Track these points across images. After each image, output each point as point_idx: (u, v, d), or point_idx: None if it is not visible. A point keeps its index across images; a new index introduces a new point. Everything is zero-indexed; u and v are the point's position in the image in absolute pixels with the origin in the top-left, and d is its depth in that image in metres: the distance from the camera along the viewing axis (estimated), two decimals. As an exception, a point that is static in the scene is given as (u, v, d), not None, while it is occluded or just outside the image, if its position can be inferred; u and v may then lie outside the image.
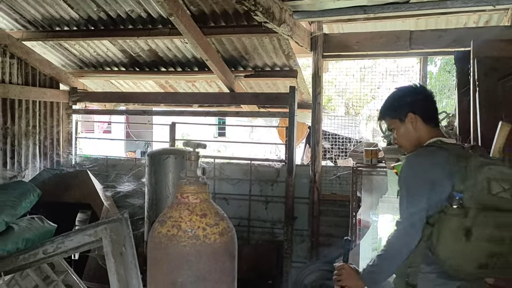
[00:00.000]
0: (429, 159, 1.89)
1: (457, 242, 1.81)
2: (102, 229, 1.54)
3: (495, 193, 1.83)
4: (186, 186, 1.60)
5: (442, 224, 1.83)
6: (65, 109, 5.16)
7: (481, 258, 1.81)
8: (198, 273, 1.48)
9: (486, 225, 1.80)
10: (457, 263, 1.81)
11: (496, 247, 1.82)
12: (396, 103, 2.08)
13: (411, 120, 2.02)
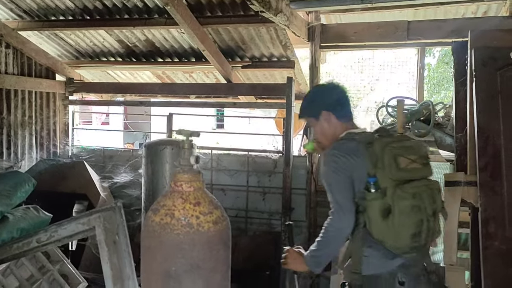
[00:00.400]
0: (341, 153, 2.04)
1: (385, 221, 1.95)
2: (95, 217, 1.53)
3: (403, 167, 1.97)
4: (179, 174, 1.59)
5: (369, 209, 1.99)
6: (61, 99, 5.14)
7: (411, 229, 1.96)
8: (192, 262, 1.48)
9: (404, 198, 1.94)
10: (393, 241, 1.96)
11: (419, 215, 1.98)
12: (311, 102, 2.25)
13: (325, 118, 2.16)
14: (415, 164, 2.03)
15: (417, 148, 2.12)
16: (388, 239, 1.99)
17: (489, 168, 2.91)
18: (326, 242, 2.06)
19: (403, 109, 2.58)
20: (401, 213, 1.94)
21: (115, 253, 1.51)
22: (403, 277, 2.09)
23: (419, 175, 2.04)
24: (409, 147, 2.08)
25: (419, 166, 2.04)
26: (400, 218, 1.94)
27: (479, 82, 2.98)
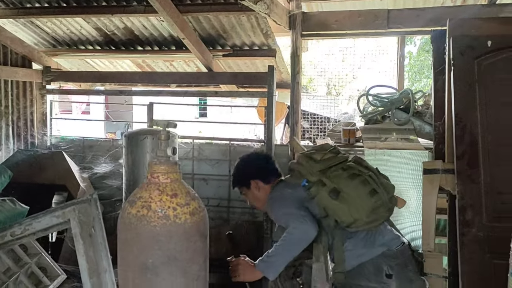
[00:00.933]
0: (277, 192, 2.43)
1: (340, 199, 2.22)
2: (70, 210, 1.50)
3: (320, 159, 2.37)
4: (156, 166, 1.57)
5: (322, 202, 2.25)
6: (38, 89, 5.02)
7: (365, 188, 2.24)
8: (169, 253, 1.47)
9: (339, 174, 2.28)
10: (359, 208, 2.20)
11: (360, 177, 2.27)
12: (240, 174, 2.62)
13: (254, 186, 2.52)
14: (328, 155, 2.42)
15: (323, 147, 2.55)
16: (356, 212, 2.20)
17: (466, 157, 2.95)
18: (287, 245, 2.16)
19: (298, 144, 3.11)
20: (345, 185, 2.23)
21: (91, 246, 1.49)
22: (389, 269, 2.15)
23: (336, 160, 2.40)
24: (316, 148, 2.56)
25: (332, 155, 2.43)
26: (347, 187, 2.22)
27: (457, 70, 3.01)
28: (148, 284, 1.46)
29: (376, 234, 2.35)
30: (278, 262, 2.17)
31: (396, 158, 3.73)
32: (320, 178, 2.30)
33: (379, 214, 2.27)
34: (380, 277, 2.18)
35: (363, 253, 2.25)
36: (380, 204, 2.25)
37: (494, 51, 2.98)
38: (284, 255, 2.16)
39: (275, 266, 2.18)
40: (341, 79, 8.53)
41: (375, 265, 2.20)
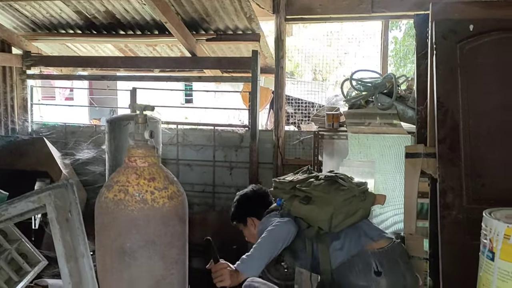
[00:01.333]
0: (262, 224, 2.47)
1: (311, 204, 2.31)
2: (46, 195, 1.48)
3: (290, 180, 2.50)
4: (133, 149, 1.55)
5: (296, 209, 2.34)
6: (18, 74, 4.93)
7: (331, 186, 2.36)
8: (147, 237, 1.46)
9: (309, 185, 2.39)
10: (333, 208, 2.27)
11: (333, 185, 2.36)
12: (237, 212, 2.69)
13: (251, 223, 2.61)
14: (299, 176, 2.57)
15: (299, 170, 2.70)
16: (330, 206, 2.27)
17: (447, 140, 2.97)
18: (267, 241, 2.19)
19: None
20: (314, 188, 2.35)
21: (67, 231, 1.47)
22: (379, 266, 2.15)
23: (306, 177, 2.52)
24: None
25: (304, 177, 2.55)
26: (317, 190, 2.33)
27: (439, 55, 3.01)
28: (126, 268, 1.45)
29: (362, 229, 2.37)
30: (258, 259, 2.15)
31: (379, 142, 3.74)
32: (293, 194, 2.42)
33: (356, 206, 2.29)
34: (369, 275, 2.16)
35: (351, 248, 2.26)
36: (351, 195, 2.29)
37: (476, 35, 2.97)
38: (264, 252, 2.15)
39: (256, 264, 2.15)
40: (327, 65, 8.51)
41: (364, 262, 2.18)
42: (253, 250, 2.17)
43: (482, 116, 2.93)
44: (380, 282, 2.13)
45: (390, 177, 3.77)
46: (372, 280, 2.13)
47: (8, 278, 2.45)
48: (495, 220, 1.34)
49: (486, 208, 2.47)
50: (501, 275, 1.27)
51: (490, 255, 1.30)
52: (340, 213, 2.26)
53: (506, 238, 1.24)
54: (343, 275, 2.19)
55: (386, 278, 2.15)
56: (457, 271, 2.81)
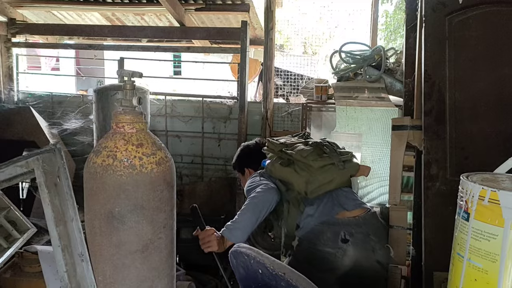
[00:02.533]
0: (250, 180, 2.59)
1: (291, 166, 2.43)
2: (34, 160, 1.48)
3: (283, 142, 2.59)
4: (121, 115, 1.55)
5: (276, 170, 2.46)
6: (3, 42, 4.83)
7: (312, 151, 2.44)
8: (136, 202, 1.48)
9: (294, 148, 2.48)
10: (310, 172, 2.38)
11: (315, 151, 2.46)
12: (236, 162, 2.98)
13: (247, 173, 2.84)
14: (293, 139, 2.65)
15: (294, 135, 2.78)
16: (307, 172, 2.38)
17: (433, 113, 3.00)
18: (250, 208, 2.26)
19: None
20: (297, 152, 2.43)
21: (56, 195, 1.49)
22: (347, 235, 2.21)
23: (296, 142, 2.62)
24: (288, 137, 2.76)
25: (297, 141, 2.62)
26: (297, 153, 2.42)
27: (427, 27, 3.01)
28: (115, 232, 1.48)
29: (338, 198, 2.41)
30: (243, 225, 2.22)
31: (366, 115, 3.78)
32: (279, 155, 2.54)
33: (331, 174, 2.33)
34: (336, 242, 2.21)
35: (322, 216, 2.30)
36: (329, 162, 2.34)
37: (465, 8, 2.98)
38: (247, 218, 2.21)
39: (241, 229, 2.22)
40: (317, 38, 8.45)
41: (333, 230, 2.25)
42: (237, 217, 2.23)
43: (469, 89, 2.96)
44: (347, 249, 2.19)
45: (377, 149, 3.83)
46: (339, 247, 2.20)
47: (-3, 245, 2.47)
48: (471, 182, 1.40)
49: (469, 179, 2.53)
50: (474, 234, 1.35)
51: (465, 216, 1.37)
52: (316, 180, 2.32)
53: (481, 199, 1.31)
54: (311, 242, 2.24)
55: (353, 247, 2.20)
56: (439, 241, 2.89)
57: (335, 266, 2.21)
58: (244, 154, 2.95)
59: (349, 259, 2.21)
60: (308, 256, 2.25)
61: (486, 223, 1.32)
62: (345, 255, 2.21)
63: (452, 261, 1.56)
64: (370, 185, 3.81)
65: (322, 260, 2.21)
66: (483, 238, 1.32)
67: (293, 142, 2.58)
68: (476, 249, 1.35)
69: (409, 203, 3.47)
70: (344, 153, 2.55)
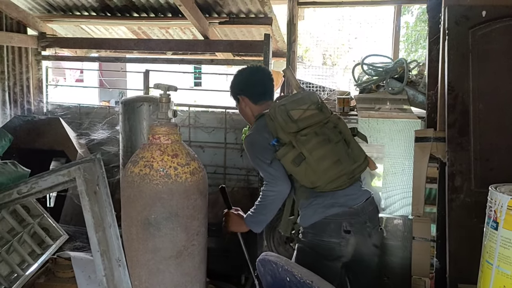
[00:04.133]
0: (255, 134, 2.28)
1: (301, 167, 2.15)
2: (75, 169, 1.57)
3: (297, 118, 2.18)
4: (157, 127, 1.63)
5: (285, 166, 2.17)
6: (34, 55, 5.00)
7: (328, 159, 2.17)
8: (171, 210, 1.54)
9: (308, 139, 2.15)
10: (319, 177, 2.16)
11: (329, 145, 2.19)
12: (232, 87, 2.54)
13: (242, 101, 2.47)
14: (308, 111, 2.21)
15: (307, 97, 2.29)
16: (317, 179, 2.18)
17: (457, 125, 3.03)
18: (264, 205, 2.23)
19: (293, 74, 2.74)
20: (311, 151, 2.14)
21: (96, 203, 1.56)
22: (348, 226, 2.24)
23: (315, 120, 2.21)
24: (299, 99, 2.27)
25: (313, 112, 2.22)
26: (312, 155, 2.14)
27: (451, 40, 3.05)
28: (151, 238, 1.55)
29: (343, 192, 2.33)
30: (260, 219, 2.28)
31: (389, 126, 3.80)
32: (291, 139, 2.19)
33: (340, 182, 2.28)
34: (339, 233, 2.25)
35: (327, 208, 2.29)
36: (343, 173, 2.22)
37: (488, 21, 3.01)
38: (264, 214, 2.26)
39: (258, 223, 2.30)
40: (338, 49, 8.49)
41: (336, 223, 2.26)
42: (256, 210, 2.27)
43: (492, 101, 2.98)
44: (350, 239, 2.24)
45: (399, 161, 3.84)
46: (342, 237, 2.24)
47: (32, 251, 2.57)
48: (500, 193, 1.46)
49: (494, 191, 2.54)
50: (503, 242, 1.41)
51: (494, 225, 1.42)
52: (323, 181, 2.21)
53: (509, 209, 1.38)
54: (316, 234, 2.27)
55: (354, 236, 2.26)
56: (464, 253, 2.89)
57: (341, 255, 2.28)
58: (238, 79, 2.55)
59: (351, 247, 2.30)
60: (314, 246, 2.29)
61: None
62: (348, 244, 2.26)
63: (481, 268, 1.60)
64: (393, 196, 3.82)
65: (329, 250, 2.27)
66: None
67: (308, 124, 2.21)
68: (504, 256, 1.41)
69: (431, 215, 3.47)
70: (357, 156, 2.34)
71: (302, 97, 2.30)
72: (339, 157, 2.20)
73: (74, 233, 3.09)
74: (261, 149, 2.23)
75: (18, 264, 2.41)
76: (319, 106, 2.28)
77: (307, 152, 2.15)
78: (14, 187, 1.87)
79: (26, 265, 2.45)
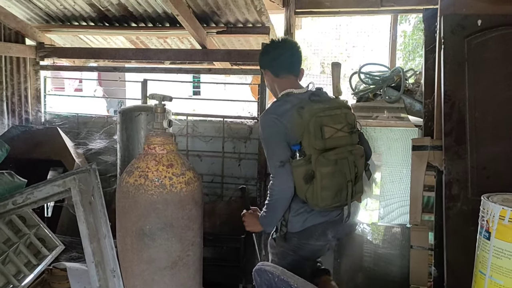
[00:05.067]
0: (274, 116, 2.15)
1: (308, 185, 2.12)
2: (70, 179, 1.56)
3: (328, 137, 2.12)
4: (152, 137, 1.63)
5: (294, 174, 2.12)
6: (32, 65, 5.02)
7: (331, 191, 2.15)
8: (166, 220, 1.54)
9: (327, 165, 2.11)
10: (316, 202, 2.15)
11: (340, 179, 2.18)
12: (259, 59, 2.49)
13: (266, 74, 2.41)
14: (340, 133, 2.18)
15: (344, 117, 2.24)
16: (311, 201, 2.18)
17: (454, 133, 3.04)
18: (272, 205, 2.22)
19: (339, 73, 2.71)
20: (322, 178, 2.11)
21: (91, 213, 1.56)
22: (332, 232, 2.40)
23: (343, 143, 2.19)
24: (336, 116, 2.20)
25: (344, 135, 2.20)
26: (321, 183, 2.11)
27: (447, 49, 3.07)
28: (145, 249, 1.54)
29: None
30: (270, 221, 2.30)
31: (386, 135, 3.81)
32: (312, 154, 2.12)
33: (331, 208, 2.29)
34: (326, 237, 2.37)
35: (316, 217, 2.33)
36: (338, 205, 2.28)
37: (484, 30, 3.03)
38: (273, 215, 2.27)
39: (269, 223, 2.32)
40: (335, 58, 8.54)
41: (322, 229, 2.36)
42: (266, 211, 2.26)
43: (488, 110, 2.99)
44: (332, 241, 2.51)
45: (396, 169, 3.84)
46: (328, 240, 2.41)
47: (28, 261, 2.55)
48: (491, 203, 1.46)
49: (491, 199, 2.54)
50: (496, 253, 1.40)
51: (487, 235, 1.42)
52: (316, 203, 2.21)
53: (501, 219, 1.37)
54: (304, 238, 2.33)
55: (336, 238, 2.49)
56: (462, 261, 2.88)
57: (322, 254, 2.52)
58: (262, 51, 2.49)
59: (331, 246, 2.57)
60: (298, 249, 2.35)
61: (506, 241, 1.38)
62: (330, 245, 2.51)
63: (475, 278, 1.60)
64: (391, 205, 3.82)
65: (313, 252, 2.41)
66: (504, 256, 1.38)
67: (335, 146, 2.16)
68: (497, 267, 1.41)
69: (429, 223, 3.47)
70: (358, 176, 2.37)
71: (339, 114, 2.24)
72: (340, 192, 2.21)
73: (70, 243, 3.07)
74: (276, 135, 2.16)
75: (14, 275, 2.39)
76: (350, 130, 2.26)
77: (319, 175, 2.12)
78: (9, 198, 1.86)
79: (22, 276, 2.43)
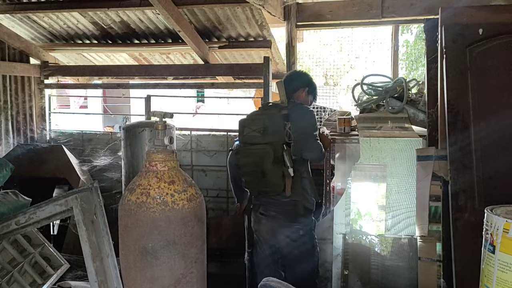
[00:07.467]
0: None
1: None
2: (72, 198, 1.56)
3: (246, 134, 2.96)
4: (154, 154, 1.63)
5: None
6: (36, 83, 5.07)
7: (246, 177, 3.04)
8: (168, 238, 1.53)
9: (244, 156, 2.96)
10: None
11: (249, 168, 2.95)
12: (314, 87, 3.43)
13: (307, 94, 3.35)
14: (254, 133, 2.89)
15: (260, 121, 2.91)
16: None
17: (458, 143, 3.01)
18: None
19: (283, 89, 3.15)
20: (242, 166, 3.01)
21: (93, 232, 1.55)
22: (263, 210, 3.04)
23: (255, 141, 2.89)
24: (254, 120, 2.96)
25: (256, 135, 2.88)
26: (242, 168, 3.01)
27: (449, 59, 3.05)
28: (148, 267, 1.53)
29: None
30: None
31: (390, 146, 3.79)
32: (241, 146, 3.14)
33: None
34: (256, 213, 3.12)
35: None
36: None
37: (485, 39, 3.02)
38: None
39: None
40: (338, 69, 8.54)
41: (255, 206, 3.15)
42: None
43: (493, 118, 2.96)
44: (262, 218, 3.06)
45: (402, 180, 3.81)
46: (257, 216, 3.11)
47: (33, 281, 2.54)
48: (495, 215, 1.43)
49: (498, 209, 2.50)
50: (501, 266, 1.36)
51: (491, 248, 1.39)
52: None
53: (505, 232, 1.34)
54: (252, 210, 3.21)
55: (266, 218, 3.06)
56: (470, 273, 2.82)
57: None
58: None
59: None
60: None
61: (511, 255, 1.34)
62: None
63: (480, 293, 1.56)
64: (397, 216, 3.78)
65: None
66: (509, 270, 1.33)
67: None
68: (503, 281, 1.37)
69: (437, 234, 3.42)
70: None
71: (257, 119, 3.03)
72: (251, 178, 3.14)
73: (76, 261, 3.06)
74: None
75: (19, 295, 2.38)
76: (262, 132, 2.94)
77: (241, 163, 3.12)
78: (13, 218, 1.86)
79: (27, 295, 2.42)
